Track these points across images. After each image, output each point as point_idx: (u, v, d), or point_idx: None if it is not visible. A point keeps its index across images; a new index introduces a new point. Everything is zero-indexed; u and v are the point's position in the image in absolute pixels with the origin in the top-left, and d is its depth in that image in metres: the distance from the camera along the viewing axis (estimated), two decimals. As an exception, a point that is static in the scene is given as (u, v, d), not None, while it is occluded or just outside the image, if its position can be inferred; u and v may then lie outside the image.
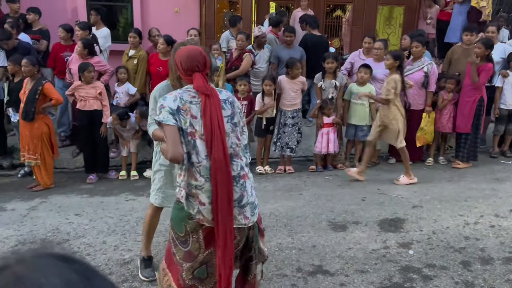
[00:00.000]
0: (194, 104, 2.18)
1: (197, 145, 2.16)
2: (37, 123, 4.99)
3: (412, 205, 4.55)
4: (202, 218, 2.18)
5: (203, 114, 2.16)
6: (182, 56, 2.26)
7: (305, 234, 3.87)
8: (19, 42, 5.87)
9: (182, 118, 2.16)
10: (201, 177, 2.16)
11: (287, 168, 5.75)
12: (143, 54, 6.19)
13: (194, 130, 2.16)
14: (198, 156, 2.16)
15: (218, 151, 2.13)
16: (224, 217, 2.15)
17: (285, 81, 5.56)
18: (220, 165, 2.13)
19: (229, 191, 2.16)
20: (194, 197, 2.19)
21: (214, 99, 2.19)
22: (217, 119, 2.16)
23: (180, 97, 2.19)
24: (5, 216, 4.38)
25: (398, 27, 9.42)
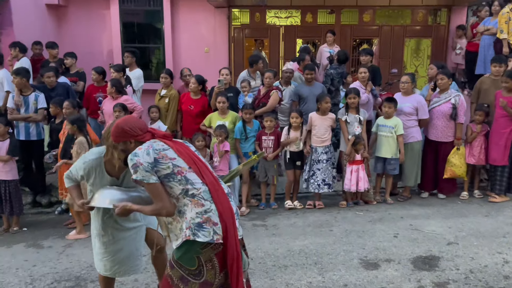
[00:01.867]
0: (167, 150, 2.38)
1: (188, 178, 2.35)
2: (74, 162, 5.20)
3: (447, 241, 4.41)
4: (218, 237, 2.33)
5: (179, 154, 2.37)
6: (132, 124, 2.45)
7: (336, 273, 3.81)
8: (58, 83, 6.22)
9: (164, 165, 2.32)
10: (206, 201, 2.34)
11: (317, 203, 5.71)
12: (174, 93, 6.41)
13: (180, 168, 2.35)
14: (195, 186, 2.35)
15: (208, 176, 2.39)
16: (231, 231, 2.35)
17: (316, 117, 5.61)
18: (215, 186, 2.39)
19: (230, 207, 2.41)
20: (207, 222, 2.32)
21: (178, 141, 2.48)
22: (192, 153, 2.44)
23: (153, 149, 2.35)
24: (42, 254, 4.52)
25: (426, 58, 9.41)
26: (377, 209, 5.53)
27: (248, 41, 9.45)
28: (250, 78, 6.56)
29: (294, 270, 3.89)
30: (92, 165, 2.78)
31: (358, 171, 5.52)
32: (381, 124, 5.72)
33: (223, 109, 5.68)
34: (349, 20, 9.32)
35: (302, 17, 9.26)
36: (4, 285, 3.79)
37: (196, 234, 2.30)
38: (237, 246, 2.38)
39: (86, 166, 2.79)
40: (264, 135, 5.65)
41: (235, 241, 2.36)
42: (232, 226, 2.36)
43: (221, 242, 2.33)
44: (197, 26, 9.13)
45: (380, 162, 5.78)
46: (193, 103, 6.08)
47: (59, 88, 6.11)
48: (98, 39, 9.08)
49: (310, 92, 6.09)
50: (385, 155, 5.69)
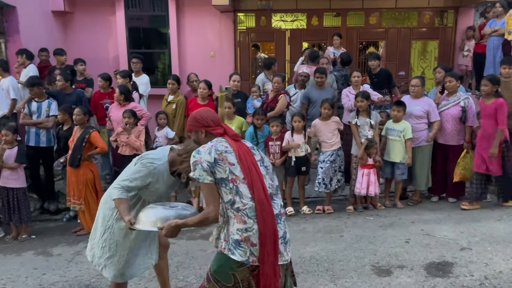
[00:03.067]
0: (229, 153, 2.30)
1: (240, 189, 2.25)
2: (82, 169, 5.20)
3: (460, 247, 4.34)
4: (255, 259, 2.23)
5: (239, 160, 2.28)
6: (208, 113, 2.46)
7: (348, 280, 3.76)
8: (74, 90, 6.24)
9: (221, 168, 2.25)
10: (249, 219, 2.23)
11: (326, 208, 5.67)
12: (181, 99, 6.40)
13: (235, 177, 2.25)
14: (242, 200, 2.24)
15: (259, 192, 2.25)
16: (269, 255, 2.22)
17: (320, 124, 5.59)
18: (263, 205, 2.24)
19: (275, 230, 2.26)
20: (245, 241, 2.23)
21: (244, 146, 2.36)
22: (252, 163, 2.31)
23: (215, 149, 2.29)
24: (52, 261, 4.50)
25: (433, 60, 9.35)
26: (387, 214, 5.47)
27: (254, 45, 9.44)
28: (267, 80, 6.55)
29: (305, 277, 3.84)
30: (161, 170, 2.76)
31: (370, 175, 5.47)
32: (390, 128, 5.67)
33: (230, 114, 5.66)
34: (355, 23, 9.28)
35: (308, 21, 9.23)
36: (14, 294, 3.79)
37: (231, 250, 2.24)
38: (276, 272, 2.24)
39: (156, 172, 2.75)
40: (270, 141, 5.62)
41: (273, 266, 2.23)
42: (272, 250, 2.23)
43: (258, 264, 2.23)
44: (202, 30, 9.13)
45: (389, 166, 5.73)
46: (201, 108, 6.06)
47: (73, 96, 6.12)
48: (104, 45, 9.10)
49: (320, 96, 6.06)
50: (393, 159, 5.64)
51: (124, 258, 2.94)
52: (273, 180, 2.42)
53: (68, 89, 6.19)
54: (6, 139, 5.09)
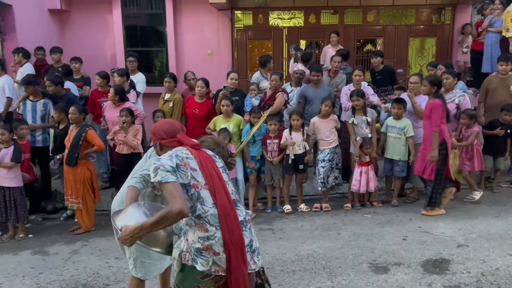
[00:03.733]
0: (190, 159, 2.24)
1: (201, 195, 2.18)
2: (79, 168, 5.18)
3: (457, 244, 4.35)
4: (217, 268, 2.14)
5: (201, 166, 2.23)
6: (162, 125, 2.42)
7: (345, 277, 3.76)
8: (67, 93, 6.18)
9: (183, 173, 2.17)
10: (211, 227, 2.15)
11: (323, 206, 5.66)
12: (178, 97, 6.38)
13: (196, 182, 2.19)
14: (203, 206, 2.17)
15: (222, 197, 2.20)
16: (237, 263, 2.15)
17: (318, 121, 5.57)
18: (227, 211, 2.18)
19: (241, 237, 2.20)
20: (207, 250, 2.14)
21: (204, 153, 2.33)
22: (214, 169, 2.27)
23: (176, 155, 2.22)
24: (49, 261, 4.49)
25: (431, 58, 9.33)
26: (385, 212, 5.47)
27: (252, 43, 9.41)
28: (263, 78, 6.53)
29: (302, 275, 3.84)
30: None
31: (368, 172, 5.47)
32: (390, 125, 5.66)
33: (227, 112, 5.65)
34: (353, 20, 9.26)
35: (305, 18, 9.21)
36: (11, 294, 3.78)
37: (194, 260, 2.13)
38: (245, 282, 2.15)
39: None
40: (268, 139, 5.61)
41: (242, 276, 2.14)
42: (239, 258, 2.14)
43: (222, 274, 2.14)
44: (199, 28, 9.11)
45: (389, 163, 5.73)
46: (198, 106, 6.05)
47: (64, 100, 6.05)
48: (101, 43, 9.07)
49: (316, 94, 6.05)
50: (393, 156, 5.63)
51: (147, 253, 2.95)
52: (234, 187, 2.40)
53: (61, 92, 6.09)
54: (2, 138, 5.07)
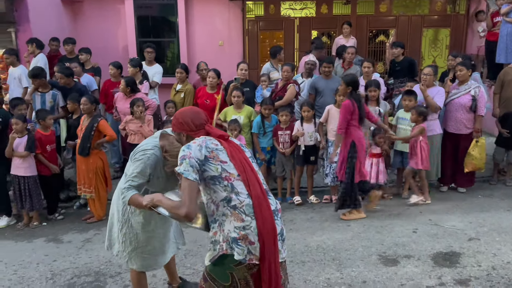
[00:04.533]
0: (220, 151, 2.24)
1: (235, 186, 2.19)
2: (92, 158, 5.25)
3: (468, 237, 4.32)
4: (252, 257, 2.16)
5: (231, 157, 2.22)
6: (188, 116, 2.35)
7: (354, 269, 3.77)
8: (76, 83, 6.24)
9: (212, 166, 2.18)
10: (247, 217, 2.17)
11: (333, 198, 5.66)
12: (189, 88, 6.40)
13: (228, 174, 2.20)
14: (238, 197, 2.18)
15: (255, 188, 2.21)
16: (270, 252, 2.17)
17: (334, 110, 5.54)
18: (261, 201, 2.19)
19: (274, 226, 2.21)
20: (243, 239, 2.16)
21: (233, 143, 2.32)
22: (245, 159, 2.26)
23: (205, 146, 2.22)
24: (62, 248, 4.58)
25: (444, 49, 9.23)
26: (395, 204, 5.45)
27: (263, 33, 9.37)
28: (273, 69, 6.51)
29: (312, 266, 3.86)
30: (156, 158, 2.68)
31: (378, 164, 5.45)
32: (401, 117, 5.62)
33: (238, 103, 5.65)
34: (365, 11, 9.17)
35: (317, 8, 9.14)
36: (26, 280, 3.86)
37: (232, 248, 2.17)
38: (277, 270, 2.18)
39: (151, 161, 2.66)
40: (280, 130, 5.60)
41: (274, 264, 2.17)
42: (271, 247, 2.16)
43: (256, 263, 2.17)
44: (211, 19, 9.10)
45: (399, 156, 5.70)
46: (209, 97, 6.07)
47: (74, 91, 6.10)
48: (113, 34, 9.12)
49: (327, 85, 6.01)
50: (403, 148, 5.60)
51: (148, 248, 2.95)
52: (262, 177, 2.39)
53: (70, 83, 6.15)
54: (16, 128, 5.14)
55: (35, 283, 3.79)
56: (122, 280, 3.76)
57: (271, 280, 2.17)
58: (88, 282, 3.76)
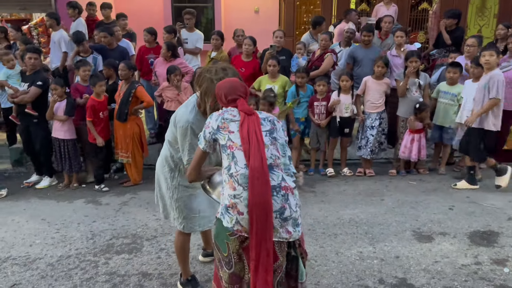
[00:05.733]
0: (233, 122, 2.26)
1: (235, 155, 2.20)
2: (129, 123, 5.34)
3: (508, 216, 4.20)
4: (240, 228, 2.15)
5: (240, 127, 2.22)
6: (225, 88, 2.35)
7: (387, 244, 3.75)
8: (118, 46, 6.30)
9: (221, 135, 2.25)
10: (239, 186, 2.16)
11: (367, 171, 5.59)
12: (224, 56, 6.34)
13: (232, 143, 2.22)
14: (236, 166, 2.18)
15: (255, 160, 2.15)
16: (260, 226, 2.10)
17: (371, 82, 5.38)
18: (257, 174, 2.12)
19: (267, 200, 2.11)
20: (232, 207, 2.17)
21: (253, 117, 2.27)
22: (255, 132, 2.21)
23: (222, 117, 2.28)
24: (101, 210, 4.75)
25: (492, 18, 8.71)
26: (431, 179, 5.34)
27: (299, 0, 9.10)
28: (312, 40, 6.35)
29: (344, 238, 3.86)
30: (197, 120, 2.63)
31: (420, 140, 5.31)
32: (443, 90, 5.40)
33: (274, 72, 5.57)
34: (409, -24, 8.72)
35: (358, -26, 8.77)
36: (68, 239, 4.04)
37: (222, 215, 2.20)
38: (268, 248, 2.11)
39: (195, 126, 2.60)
40: (316, 101, 5.51)
41: (265, 240, 2.10)
42: (263, 223, 2.09)
43: (245, 235, 2.15)
44: (247, -16, 8.90)
45: (437, 130, 5.52)
46: (244, 65, 6.00)
47: (117, 52, 6.18)
48: (148, -1, 9.08)
49: (365, 55, 5.83)
50: (443, 123, 5.42)
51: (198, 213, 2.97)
52: (282, 152, 2.27)
53: (112, 44, 6.24)
54: (55, 92, 5.27)
55: (77, 242, 3.97)
56: (158, 244, 3.88)
57: (259, 258, 2.11)
58: (126, 244, 3.91)
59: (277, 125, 2.34)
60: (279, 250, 2.17)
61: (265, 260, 2.10)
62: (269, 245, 2.11)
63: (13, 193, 5.34)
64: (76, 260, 3.63)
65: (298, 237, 2.21)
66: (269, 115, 2.39)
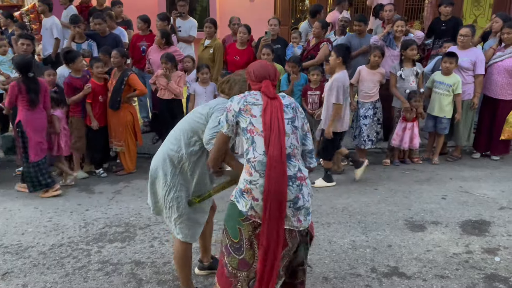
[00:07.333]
0: (256, 105, 2.25)
1: (255, 140, 2.20)
2: (122, 112, 5.29)
3: (500, 206, 4.23)
4: (254, 214, 2.17)
5: (263, 113, 2.21)
6: (256, 66, 2.41)
7: (380, 233, 3.77)
8: (110, 33, 6.22)
9: (243, 118, 2.25)
10: (255, 172, 2.17)
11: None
12: (218, 44, 6.28)
13: (253, 128, 2.21)
14: (254, 152, 2.19)
15: (275, 148, 2.15)
16: (273, 214, 2.12)
17: (365, 71, 5.36)
18: (275, 162, 2.13)
19: (282, 190, 2.13)
20: (247, 192, 2.18)
21: (276, 102, 2.26)
22: (277, 119, 2.20)
23: (245, 100, 2.28)
24: (94, 199, 4.74)
25: (487, 7, 8.69)
26: (424, 169, 5.36)
27: None
28: (311, 29, 6.30)
29: (337, 227, 3.88)
30: None
31: (413, 128, 5.31)
32: (438, 80, 5.39)
33: (268, 61, 5.52)
34: (405, -36, 8.66)
35: (354, -39, 8.67)
36: (60, 227, 4.03)
37: (237, 198, 2.22)
38: (278, 237, 2.13)
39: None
40: (309, 90, 5.49)
41: (276, 228, 2.12)
42: (276, 212, 2.11)
43: (258, 221, 2.16)
44: (242, -29, 8.80)
45: (431, 120, 5.53)
46: (239, 53, 5.95)
47: (110, 39, 6.10)
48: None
49: (360, 44, 5.80)
50: (438, 113, 5.42)
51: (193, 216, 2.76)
52: (300, 142, 2.28)
53: (105, 31, 6.15)
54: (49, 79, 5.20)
55: (69, 230, 3.96)
56: (151, 232, 3.88)
57: (269, 244, 2.13)
58: (119, 232, 3.90)
59: (298, 113, 2.34)
60: (289, 238, 2.22)
61: (274, 247, 2.15)
62: (280, 233, 2.15)
63: (5, 181, 5.30)
64: (68, 249, 3.62)
65: (307, 226, 2.27)
66: (293, 101, 2.37)
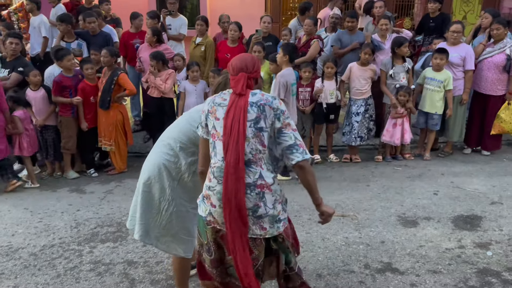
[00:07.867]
0: (221, 107, 2.14)
1: (216, 146, 2.13)
2: (112, 111, 5.24)
3: (491, 201, 4.26)
4: (212, 220, 2.15)
5: (225, 115, 2.09)
6: (235, 58, 2.25)
7: (373, 229, 3.77)
8: (101, 31, 6.14)
9: (209, 120, 2.18)
10: (214, 179, 2.12)
11: (353, 157, 5.61)
12: (210, 41, 6.24)
13: (215, 132, 2.14)
14: (215, 157, 2.13)
15: (231, 154, 2.04)
16: (235, 222, 2.06)
17: (356, 68, 5.37)
18: (232, 169, 2.03)
19: (240, 199, 2.03)
20: (207, 198, 2.16)
21: (241, 101, 2.08)
22: (238, 122, 2.05)
23: (213, 100, 2.19)
24: (85, 199, 4.69)
25: (477, 4, 8.75)
26: (416, 165, 5.38)
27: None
28: (300, 27, 6.28)
29: (330, 224, 3.81)
30: None
31: (403, 124, 5.33)
32: (429, 77, 5.41)
33: (259, 58, 5.50)
34: (395, -39, 8.68)
35: (344, -42, 8.64)
36: (51, 228, 3.98)
37: (199, 203, 2.24)
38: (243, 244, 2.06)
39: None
40: (300, 87, 5.48)
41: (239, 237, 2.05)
42: (237, 219, 2.04)
43: (217, 227, 2.16)
44: (232, -32, 8.75)
45: (423, 116, 5.55)
46: (230, 51, 5.92)
47: (100, 37, 6.03)
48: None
49: (351, 41, 5.80)
50: (429, 110, 5.44)
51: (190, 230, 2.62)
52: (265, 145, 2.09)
53: (95, 30, 6.07)
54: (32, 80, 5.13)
55: (61, 231, 3.91)
56: (143, 232, 3.85)
57: (236, 252, 2.08)
58: (111, 232, 3.87)
59: (266, 111, 2.08)
60: (253, 245, 2.15)
61: (242, 254, 2.08)
62: (244, 240, 2.08)
63: (-6, 183, 5.24)
64: (59, 249, 3.58)
65: (276, 233, 2.16)
66: (264, 98, 2.12)
